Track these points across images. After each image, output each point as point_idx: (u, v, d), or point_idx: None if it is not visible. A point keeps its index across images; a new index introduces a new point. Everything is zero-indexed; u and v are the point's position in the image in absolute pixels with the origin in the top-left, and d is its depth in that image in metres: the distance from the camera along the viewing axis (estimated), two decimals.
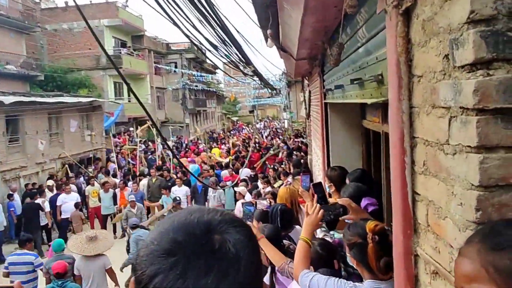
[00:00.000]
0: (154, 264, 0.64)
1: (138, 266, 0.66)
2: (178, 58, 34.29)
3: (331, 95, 4.00)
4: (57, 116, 16.07)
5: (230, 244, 0.67)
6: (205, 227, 0.68)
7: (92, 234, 6.03)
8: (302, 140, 18.40)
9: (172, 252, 0.64)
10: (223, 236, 0.68)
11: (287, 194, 4.57)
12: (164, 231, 0.68)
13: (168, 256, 0.64)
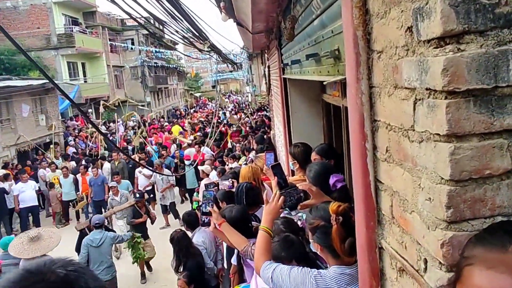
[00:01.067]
0: None
1: None
2: (134, 35, 32.96)
3: (289, 70, 3.82)
4: (7, 101, 15.13)
5: (65, 272, 0.63)
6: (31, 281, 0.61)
7: (34, 234, 5.48)
8: (265, 114, 18.27)
9: None
10: (55, 272, 0.63)
11: (249, 173, 4.44)
12: None
13: None
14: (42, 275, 0.60)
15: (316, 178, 2.67)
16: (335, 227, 1.83)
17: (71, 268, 0.63)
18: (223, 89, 53.16)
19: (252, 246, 2.93)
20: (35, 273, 0.60)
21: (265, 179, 4.76)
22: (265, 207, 2.38)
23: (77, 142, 18.40)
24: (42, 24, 24.68)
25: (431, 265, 1.02)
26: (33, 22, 24.64)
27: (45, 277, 0.60)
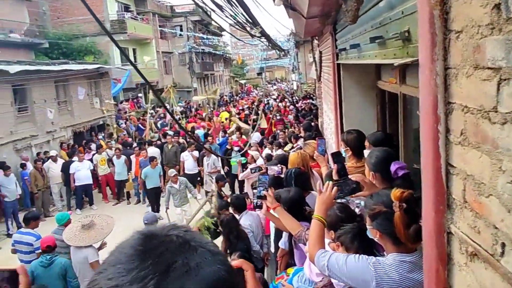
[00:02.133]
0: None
1: None
2: (183, 21, 33.49)
3: (345, 55, 3.76)
4: (64, 84, 15.94)
5: (180, 234, 0.65)
6: (148, 242, 0.64)
7: (87, 222, 5.43)
8: (312, 102, 18.10)
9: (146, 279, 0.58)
10: (171, 234, 0.66)
11: (298, 159, 4.45)
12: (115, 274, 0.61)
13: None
14: (162, 238, 0.63)
15: (377, 165, 2.62)
16: (398, 213, 1.81)
17: (185, 229, 0.67)
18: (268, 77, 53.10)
19: (306, 231, 2.96)
20: (156, 236, 0.63)
21: (314, 166, 4.74)
22: (319, 196, 2.39)
23: (127, 125, 19.12)
24: (97, 11, 25.41)
25: (509, 249, 1.00)
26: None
27: (166, 239, 0.63)
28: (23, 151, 12.90)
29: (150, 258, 0.58)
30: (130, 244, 0.62)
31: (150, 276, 0.56)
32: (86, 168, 11.47)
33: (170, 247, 0.61)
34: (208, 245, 0.65)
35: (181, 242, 0.62)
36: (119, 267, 0.58)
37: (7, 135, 12.49)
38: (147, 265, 0.57)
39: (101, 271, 0.60)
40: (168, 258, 0.59)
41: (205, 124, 17.47)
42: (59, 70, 14.83)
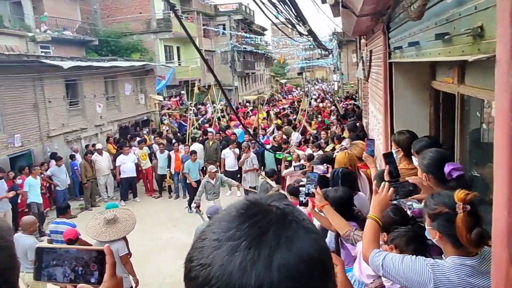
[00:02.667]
0: (231, 262, 0.62)
1: (209, 276, 0.63)
2: (226, 20, 33.88)
3: (399, 54, 3.69)
4: (113, 80, 16.54)
5: (282, 205, 0.69)
6: (251, 207, 0.69)
7: (111, 217, 5.39)
8: (354, 103, 17.82)
9: (239, 240, 0.63)
10: (272, 204, 0.69)
11: (345, 159, 4.38)
12: (217, 232, 0.67)
13: (239, 246, 0.63)
14: (264, 206, 0.67)
15: (430, 166, 2.55)
16: (461, 215, 1.76)
17: (287, 203, 0.70)
18: (309, 77, 52.73)
19: (354, 231, 2.93)
20: (258, 204, 0.68)
21: (362, 167, 4.67)
22: (374, 197, 2.37)
23: (170, 121, 19.59)
24: (144, 9, 26.39)
25: None
26: (136, 7, 26.45)
27: (267, 208, 0.67)
28: (73, 143, 13.53)
29: (247, 221, 0.64)
30: (236, 206, 0.68)
31: (243, 238, 0.61)
32: (131, 161, 11.86)
33: (268, 216, 0.65)
34: (304, 221, 0.68)
35: (279, 214, 0.66)
36: (223, 224, 0.65)
37: (59, 127, 13.12)
38: (244, 227, 0.63)
39: (210, 225, 0.68)
40: (262, 226, 0.63)
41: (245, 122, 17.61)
42: (108, 66, 15.42)
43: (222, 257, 0.60)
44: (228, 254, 0.60)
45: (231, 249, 0.61)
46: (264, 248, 0.60)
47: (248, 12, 38.68)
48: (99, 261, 0.96)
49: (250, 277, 0.58)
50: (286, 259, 0.60)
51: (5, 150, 11.03)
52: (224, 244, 0.62)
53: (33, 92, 12.07)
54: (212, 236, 0.64)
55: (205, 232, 0.67)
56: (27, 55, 12.27)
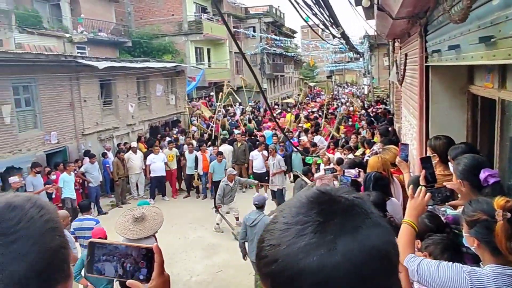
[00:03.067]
0: (296, 243, 0.65)
1: (277, 256, 0.67)
2: (256, 23, 34.03)
3: (437, 57, 3.61)
4: (144, 80, 16.89)
5: (352, 197, 0.71)
6: (320, 195, 0.71)
7: (139, 214, 5.37)
8: (385, 107, 17.51)
9: (306, 224, 0.67)
10: (342, 195, 0.71)
11: (378, 164, 4.32)
12: (287, 216, 0.71)
13: (305, 229, 0.66)
14: (333, 196, 0.70)
15: (465, 172, 2.49)
16: (501, 223, 1.71)
17: (355, 195, 0.72)
18: (338, 80, 52.25)
19: None
20: (328, 194, 0.71)
21: (395, 172, 4.59)
22: (410, 201, 2.33)
23: (199, 122, 19.82)
24: (176, 12, 26.87)
25: None
26: (168, 9, 26.96)
27: (336, 198, 0.70)
28: (106, 141, 13.89)
29: (315, 208, 0.68)
30: (307, 194, 0.72)
31: (310, 223, 0.66)
32: (160, 161, 12.06)
33: (336, 205, 0.68)
34: (373, 214, 0.70)
35: (347, 204, 0.69)
36: (293, 209, 0.70)
37: (93, 125, 13.51)
38: (311, 213, 0.67)
39: (282, 210, 0.72)
40: (329, 213, 0.67)
41: (271, 124, 17.62)
42: (140, 67, 15.76)
43: (289, 239, 0.65)
44: (295, 237, 0.65)
45: (297, 232, 0.65)
46: (328, 234, 0.64)
47: (278, 15, 38.71)
48: (148, 259, 0.98)
49: (313, 259, 0.62)
50: (349, 246, 0.63)
51: (42, 147, 11.44)
52: (292, 227, 0.66)
53: (69, 91, 12.47)
54: (282, 220, 0.69)
55: (277, 216, 0.72)
56: (65, 55, 12.69)
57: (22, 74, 10.73)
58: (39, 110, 11.41)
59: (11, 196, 0.79)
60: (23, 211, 0.75)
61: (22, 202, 0.77)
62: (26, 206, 0.76)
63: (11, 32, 15.67)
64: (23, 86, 11.06)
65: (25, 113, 11.19)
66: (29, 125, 11.34)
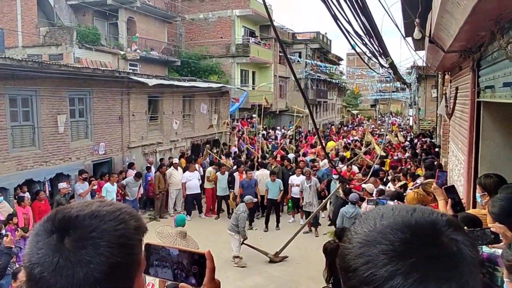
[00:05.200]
0: (388, 264, 0.60)
1: (359, 264, 0.64)
2: (302, 48, 34.37)
3: (490, 93, 3.52)
4: (190, 99, 17.39)
5: (463, 246, 0.63)
6: (432, 227, 0.64)
7: (183, 230, 5.58)
8: (432, 141, 16.97)
9: (405, 254, 0.61)
10: (453, 237, 0.64)
11: (415, 200, 4.20)
12: (388, 229, 0.65)
13: (404, 257, 0.60)
14: (438, 234, 0.64)
15: (501, 214, 2.42)
16: None
17: (460, 233, 0.66)
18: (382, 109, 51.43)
19: None
20: (432, 225, 0.65)
21: (436, 207, 4.46)
22: None
23: (239, 143, 20.05)
24: (225, 35, 27.72)
25: None
26: (217, 32, 27.87)
27: (441, 237, 0.63)
28: (149, 155, 14.33)
29: (417, 247, 0.61)
30: (408, 221, 0.65)
31: (413, 259, 0.60)
32: (195, 178, 12.18)
33: (440, 248, 0.62)
34: (477, 265, 0.65)
35: (453, 253, 0.62)
36: (395, 232, 0.63)
37: (139, 139, 14.00)
38: (413, 253, 0.61)
39: (381, 218, 0.67)
40: (431, 260, 0.60)
41: (314, 150, 17.53)
42: (187, 86, 16.27)
43: (383, 260, 0.61)
44: (389, 261, 0.60)
45: (393, 259, 0.60)
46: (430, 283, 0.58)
47: (325, 42, 38.94)
48: (200, 264, 1.00)
49: None
50: None
51: (90, 156, 11.97)
52: (391, 253, 0.61)
53: (120, 105, 13.05)
54: (380, 236, 0.64)
55: (375, 226, 0.67)
56: (119, 71, 13.37)
57: (79, 86, 11.38)
58: (91, 121, 11.99)
59: (104, 203, 0.84)
60: (102, 222, 0.80)
61: (106, 212, 0.81)
62: (108, 217, 0.81)
63: (71, 47, 16.73)
64: (78, 98, 11.69)
65: (78, 123, 11.80)
66: (81, 135, 11.92)
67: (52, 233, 0.78)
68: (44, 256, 0.75)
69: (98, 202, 0.85)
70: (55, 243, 0.76)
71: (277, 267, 8.54)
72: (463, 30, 3.12)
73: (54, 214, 0.82)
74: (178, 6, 26.68)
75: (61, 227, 0.78)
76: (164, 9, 24.29)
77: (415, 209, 0.68)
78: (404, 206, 0.71)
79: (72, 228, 0.78)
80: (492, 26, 2.81)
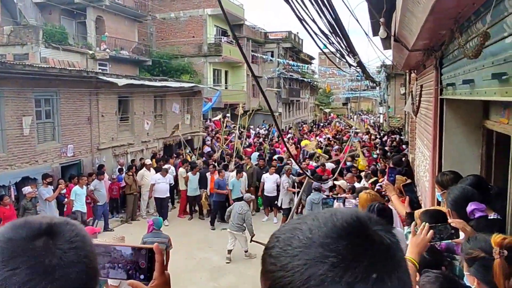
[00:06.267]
0: (312, 267, 0.59)
1: (287, 265, 0.61)
2: (275, 48, 34.54)
3: (452, 91, 3.62)
4: (162, 99, 17.17)
5: (388, 238, 0.63)
6: (357, 225, 0.63)
7: (122, 235, 5.45)
8: (401, 138, 17.36)
9: (331, 253, 0.59)
10: (377, 232, 0.63)
11: (368, 201, 4.25)
12: (319, 234, 0.62)
13: (328, 258, 0.59)
14: (369, 232, 0.62)
15: (454, 203, 2.56)
16: (498, 261, 1.69)
17: (391, 235, 0.64)
18: (354, 107, 52.28)
19: None
20: (364, 225, 0.63)
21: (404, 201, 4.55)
22: (412, 238, 2.33)
23: (212, 143, 19.94)
24: (197, 34, 27.53)
25: None
26: (189, 31, 27.64)
27: (371, 235, 0.62)
28: (120, 157, 14.05)
29: (345, 239, 0.60)
30: (341, 217, 0.63)
31: (334, 253, 0.58)
32: (165, 183, 11.80)
33: (368, 243, 0.60)
34: (403, 263, 0.63)
35: (381, 249, 0.61)
36: (323, 228, 0.62)
37: (109, 141, 13.71)
38: (340, 245, 0.59)
39: (313, 219, 0.65)
40: (358, 252, 0.59)
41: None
42: (159, 86, 16.06)
43: (307, 259, 0.59)
44: (313, 259, 0.59)
45: (317, 257, 0.59)
46: (348, 276, 0.57)
47: (297, 41, 39.25)
48: (148, 259, 0.98)
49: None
50: None
51: (58, 159, 11.64)
52: (315, 250, 0.60)
53: (88, 106, 12.75)
54: (307, 234, 0.62)
55: (305, 224, 0.65)
56: (87, 71, 13.04)
57: (45, 87, 11.04)
58: (58, 123, 11.66)
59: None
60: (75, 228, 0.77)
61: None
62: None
63: (37, 46, 16.21)
64: (45, 98, 11.35)
65: (45, 125, 11.45)
66: (48, 137, 11.57)
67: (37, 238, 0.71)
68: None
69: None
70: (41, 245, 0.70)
71: (250, 266, 8.53)
72: (424, 29, 3.20)
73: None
74: (148, 5, 26.29)
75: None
76: (134, 8, 23.88)
77: (334, 212, 0.66)
78: (326, 210, 0.68)
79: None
80: (451, 24, 2.88)
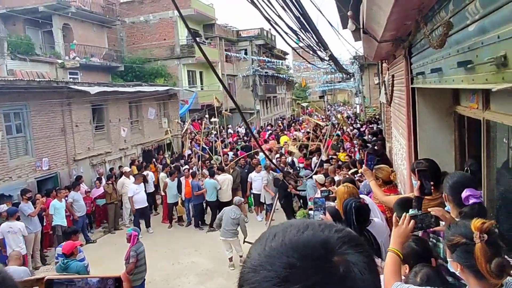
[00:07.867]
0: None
1: (246, 281, 0.59)
2: (248, 45, 34.51)
3: (422, 80, 3.66)
4: (137, 104, 16.95)
5: (356, 268, 0.58)
6: (322, 247, 0.59)
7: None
8: (379, 127, 17.60)
9: (290, 280, 0.55)
10: (345, 258, 0.58)
11: (346, 194, 4.24)
12: (274, 252, 0.59)
13: (286, 284, 0.55)
14: (330, 255, 0.59)
15: (451, 188, 2.57)
16: (479, 245, 1.71)
17: (355, 257, 0.60)
18: (330, 100, 52.75)
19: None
20: (326, 246, 0.60)
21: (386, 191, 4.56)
22: (394, 229, 2.35)
23: (192, 145, 19.78)
24: (168, 36, 27.21)
25: None
26: (160, 34, 27.30)
27: (332, 261, 0.59)
28: (98, 166, 13.80)
29: (307, 263, 0.57)
30: (300, 239, 0.61)
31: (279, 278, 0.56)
32: (143, 191, 11.47)
33: (330, 270, 0.57)
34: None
35: (341, 276, 0.57)
36: (279, 250, 0.59)
37: (85, 151, 13.45)
38: (297, 270, 0.57)
39: (273, 237, 0.63)
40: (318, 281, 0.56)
41: (268, 146, 17.62)
42: (133, 91, 15.83)
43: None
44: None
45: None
46: None
47: (270, 37, 39.28)
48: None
49: None
50: None
51: (33, 173, 11.34)
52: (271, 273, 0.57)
53: (61, 117, 12.46)
54: (265, 252, 0.60)
55: (265, 243, 0.63)
56: (57, 81, 12.74)
57: (13, 101, 10.73)
58: (30, 136, 11.36)
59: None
60: None
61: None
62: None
63: (3, 59, 15.72)
64: (14, 112, 11.03)
65: (16, 140, 11.13)
66: (20, 152, 11.27)
67: None
68: None
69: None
70: None
71: (238, 268, 8.50)
72: (390, 20, 3.22)
73: None
74: (116, 10, 25.81)
75: None
76: (102, 14, 23.38)
77: (307, 226, 0.63)
78: (298, 222, 0.65)
79: None
80: (416, 15, 2.91)
